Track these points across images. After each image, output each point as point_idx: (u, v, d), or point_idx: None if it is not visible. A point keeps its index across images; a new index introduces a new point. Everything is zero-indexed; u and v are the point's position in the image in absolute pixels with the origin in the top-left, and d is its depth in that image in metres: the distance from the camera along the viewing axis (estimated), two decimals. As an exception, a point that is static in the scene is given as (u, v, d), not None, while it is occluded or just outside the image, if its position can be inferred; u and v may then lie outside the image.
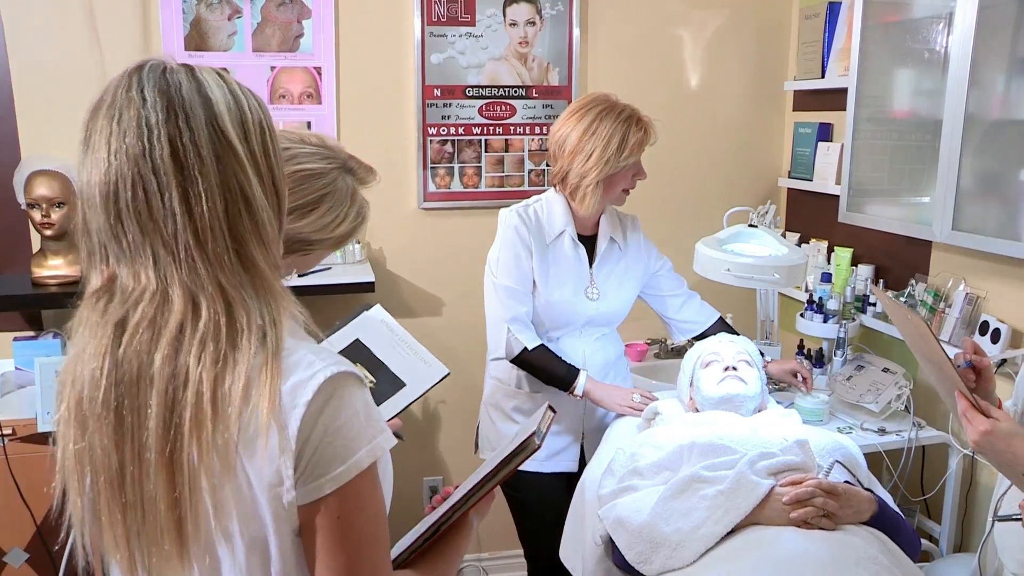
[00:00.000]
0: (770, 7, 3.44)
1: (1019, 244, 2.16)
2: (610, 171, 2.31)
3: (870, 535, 1.83)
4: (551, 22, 3.21)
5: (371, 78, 3.12)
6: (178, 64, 1.02)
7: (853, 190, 2.82)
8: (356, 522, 1.00)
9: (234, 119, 1.00)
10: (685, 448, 2.01)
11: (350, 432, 0.99)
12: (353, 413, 1.00)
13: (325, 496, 0.98)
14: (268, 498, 0.98)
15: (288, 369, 0.98)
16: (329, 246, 1.58)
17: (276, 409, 0.95)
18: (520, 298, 2.38)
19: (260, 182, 1.01)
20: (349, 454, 0.98)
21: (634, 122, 2.31)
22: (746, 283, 2.28)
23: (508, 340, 2.37)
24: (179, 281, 0.97)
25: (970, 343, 1.78)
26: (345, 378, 1.00)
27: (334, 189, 1.53)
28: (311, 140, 1.57)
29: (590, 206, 2.36)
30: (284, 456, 0.96)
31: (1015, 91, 2.22)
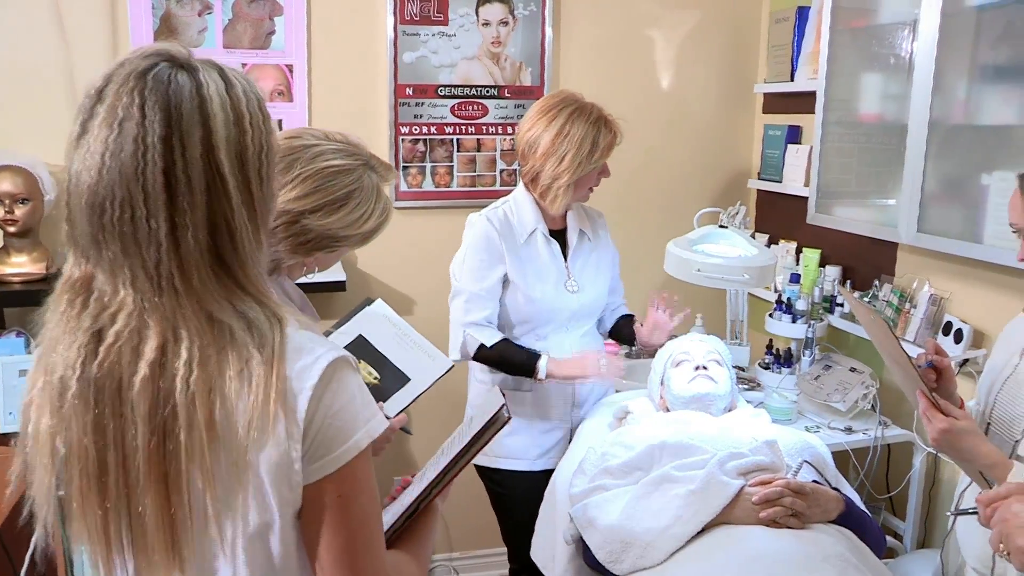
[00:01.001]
0: (741, 10, 3.47)
1: (981, 247, 2.20)
2: (582, 173, 2.33)
3: (838, 533, 1.86)
4: (524, 22, 3.22)
5: (343, 76, 3.11)
6: (192, 61, 1.01)
7: (821, 192, 2.86)
8: (355, 502, 1.03)
9: (231, 145, 1.00)
10: (656, 448, 2.03)
11: (349, 414, 1.02)
12: (351, 396, 1.03)
13: (328, 475, 1.01)
14: (276, 484, 1.00)
15: (292, 354, 1.01)
16: (355, 243, 1.59)
17: (282, 396, 0.98)
18: (482, 304, 2.39)
19: (246, 210, 1.01)
20: (348, 435, 1.02)
21: (603, 124, 2.33)
22: (716, 283, 2.31)
23: (464, 341, 2.39)
24: (159, 310, 0.98)
25: (932, 344, 1.82)
26: (343, 362, 1.03)
27: (361, 185, 1.54)
28: (336, 137, 1.58)
29: (560, 206, 2.38)
30: (291, 440, 0.99)
31: (976, 97, 2.26)
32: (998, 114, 2.19)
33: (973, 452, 1.67)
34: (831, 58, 2.77)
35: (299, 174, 1.51)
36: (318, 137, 1.56)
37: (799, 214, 3.00)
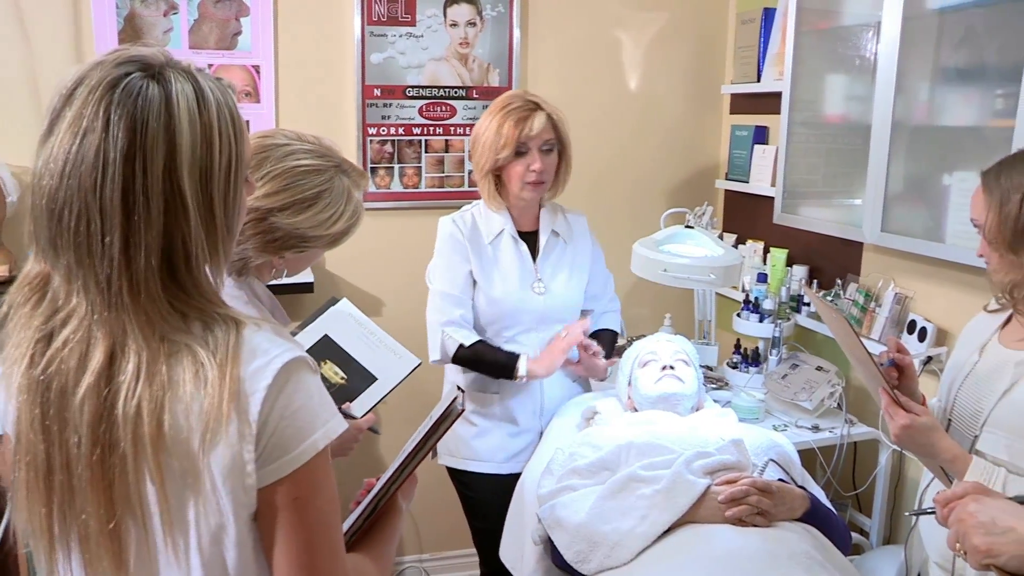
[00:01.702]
0: (708, 11, 3.49)
1: (943, 246, 2.23)
2: (493, 164, 2.34)
3: (803, 531, 1.88)
4: (492, 23, 3.22)
5: (311, 77, 3.09)
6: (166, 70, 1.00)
7: (788, 192, 2.88)
8: (313, 503, 1.02)
9: (196, 164, 0.99)
10: (623, 448, 2.04)
11: (306, 415, 1.01)
12: (308, 396, 1.02)
13: (283, 477, 1.00)
14: (229, 486, 0.99)
15: (247, 356, 1.00)
16: (324, 244, 1.59)
17: (235, 397, 0.97)
18: (455, 302, 2.40)
19: (205, 229, 1.01)
20: (305, 436, 1.01)
21: (509, 113, 2.31)
22: (682, 283, 2.32)
23: (443, 342, 2.39)
24: (108, 323, 0.98)
25: (893, 342, 1.84)
26: (300, 363, 1.03)
27: (331, 187, 1.54)
28: (308, 139, 1.59)
29: (492, 199, 2.41)
30: (244, 442, 0.98)
31: (938, 98, 2.29)
32: (959, 115, 2.22)
33: (934, 448, 1.70)
34: (796, 59, 2.80)
35: (268, 172, 1.51)
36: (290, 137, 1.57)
37: (766, 214, 3.02)
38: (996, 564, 1.17)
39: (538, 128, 2.31)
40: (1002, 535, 1.18)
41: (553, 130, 2.37)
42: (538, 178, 2.35)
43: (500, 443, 2.48)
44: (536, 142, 2.33)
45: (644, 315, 3.44)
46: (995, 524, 1.19)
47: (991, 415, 1.72)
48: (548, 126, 2.34)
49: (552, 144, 2.37)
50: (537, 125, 2.31)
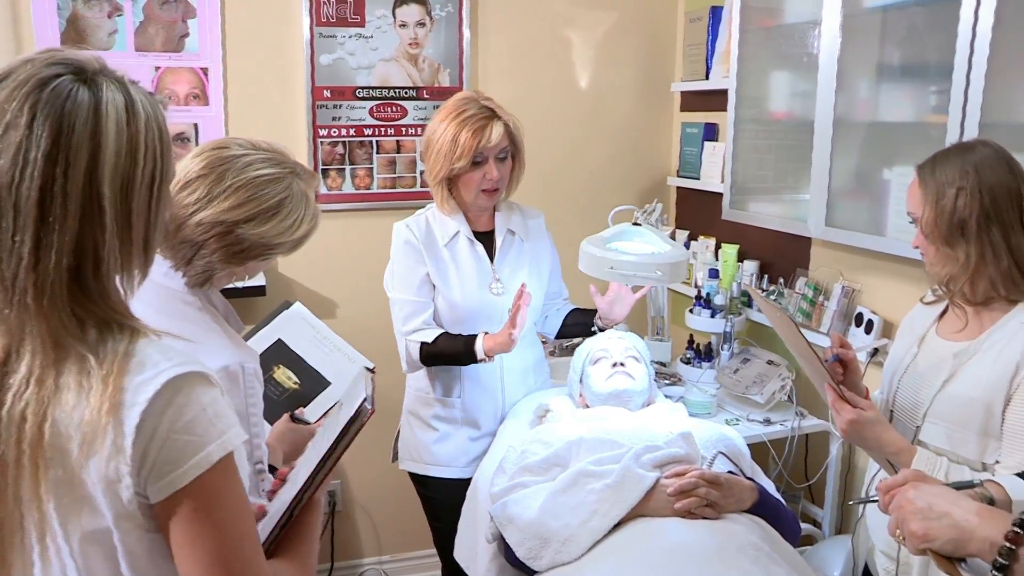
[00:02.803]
0: (656, 10, 3.52)
1: (885, 239, 2.27)
2: (448, 172, 2.32)
3: (752, 522, 1.90)
4: (441, 23, 3.22)
5: (260, 79, 3.07)
6: (99, 78, 0.99)
7: (736, 188, 2.91)
8: (214, 515, 1.02)
9: (118, 173, 0.98)
10: (574, 444, 2.05)
11: (197, 428, 1.00)
12: (199, 410, 1.01)
13: (178, 491, 0.99)
14: (108, 497, 0.99)
15: (134, 368, 0.99)
16: (287, 249, 1.58)
17: (114, 409, 0.96)
18: (416, 308, 2.38)
19: (120, 239, 1.00)
20: (197, 449, 1.00)
21: (465, 122, 2.27)
22: (629, 280, 2.33)
23: (407, 350, 2.38)
24: (7, 322, 0.97)
25: (836, 337, 1.87)
26: (191, 378, 1.01)
27: (291, 193, 1.54)
28: (262, 146, 1.59)
29: (445, 204, 2.39)
30: (120, 454, 0.97)
31: (878, 95, 2.33)
32: (897, 111, 2.26)
33: (879, 440, 1.73)
34: (741, 57, 2.83)
35: (232, 184, 1.51)
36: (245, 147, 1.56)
37: (717, 210, 3.05)
38: (932, 548, 1.20)
39: (496, 139, 2.28)
40: (938, 520, 1.20)
41: (509, 138, 2.34)
42: (494, 186, 2.34)
43: (462, 447, 2.48)
44: (493, 152, 2.30)
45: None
46: (932, 509, 1.21)
47: (931, 406, 1.75)
48: (505, 135, 2.32)
49: (508, 151, 2.35)
50: (495, 136, 2.28)
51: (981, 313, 1.74)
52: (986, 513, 1.18)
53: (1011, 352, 1.63)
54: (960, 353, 1.73)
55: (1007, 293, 1.69)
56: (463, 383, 2.44)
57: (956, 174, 1.68)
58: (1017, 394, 1.61)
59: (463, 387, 2.45)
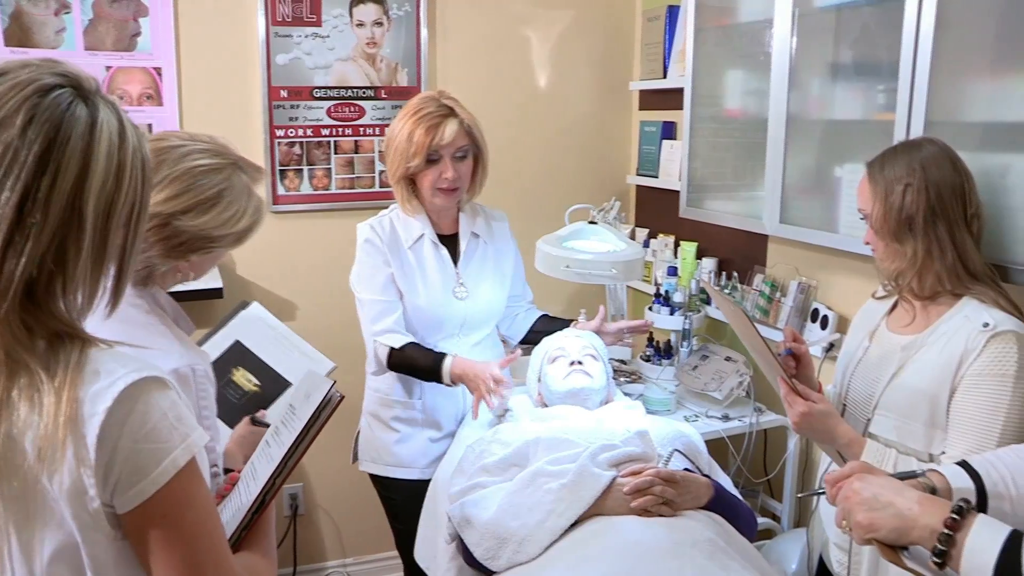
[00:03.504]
0: (614, 9, 3.53)
1: (837, 236, 2.29)
2: (405, 171, 2.32)
3: (708, 519, 1.91)
4: (399, 23, 3.21)
5: (215, 79, 3.04)
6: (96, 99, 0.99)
7: (692, 186, 2.93)
8: (184, 520, 1.02)
9: (104, 193, 0.98)
10: (531, 443, 2.05)
11: (160, 434, 1.00)
12: (160, 416, 1.00)
13: (147, 500, 0.99)
14: (72, 510, 0.98)
15: (89, 377, 0.98)
16: (230, 243, 1.56)
17: (72, 421, 0.95)
18: (384, 309, 2.37)
19: (93, 261, 1.00)
20: (164, 455, 1.00)
21: (421, 120, 2.28)
22: (584, 279, 2.34)
23: (376, 351, 2.37)
24: None
25: (789, 331, 1.89)
26: (148, 383, 1.01)
27: (231, 184, 1.52)
28: (202, 138, 1.57)
29: (407, 204, 2.38)
30: (83, 466, 0.96)
31: (830, 93, 2.35)
32: (847, 109, 2.29)
33: (831, 433, 1.76)
34: (697, 56, 2.85)
35: (167, 175, 1.49)
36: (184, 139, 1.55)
37: (675, 208, 3.06)
38: (876, 538, 1.22)
39: (450, 136, 2.27)
40: (882, 510, 1.22)
41: (467, 136, 2.33)
42: (450, 185, 2.32)
43: (423, 448, 2.47)
44: (448, 150, 2.29)
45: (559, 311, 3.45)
46: (876, 500, 1.24)
47: (881, 399, 1.78)
48: (461, 133, 2.30)
49: (466, 150, 2.34)
50: (448, 133, 2.27)
51: (928, 307, 1.77)
52: (927, 502, 1.21)
53: (955, 345, 1.66)
54: (908, 346, 1.76)
55: (952, 287, 1.72)
56: (423, 385, 2.44)
57: (904, 171, 1.72)
58: (961, 386, 1.65)
59: (423, 388, 2.45)
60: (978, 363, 1.63)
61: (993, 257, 1.81)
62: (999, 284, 1.74)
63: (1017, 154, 1.83)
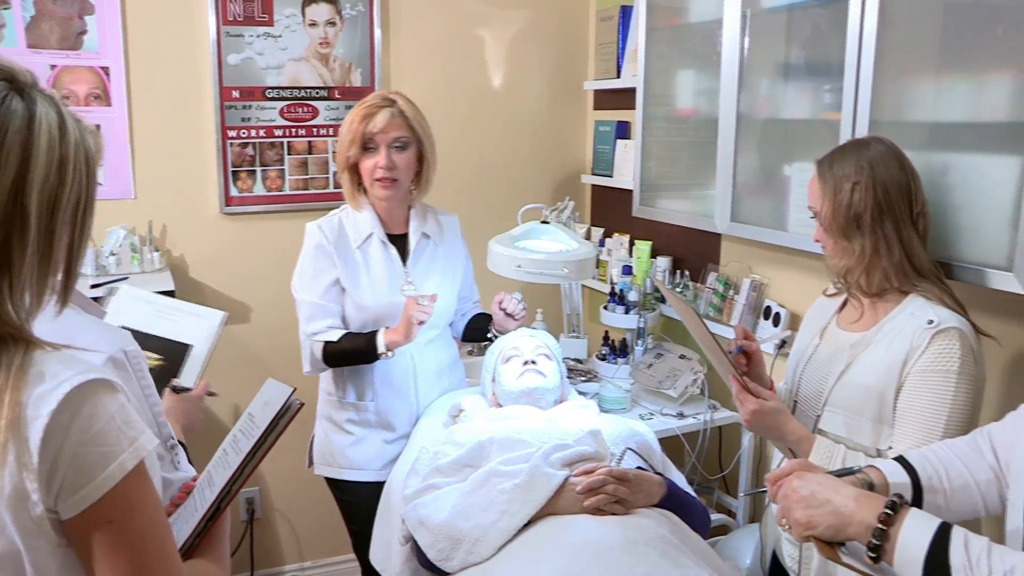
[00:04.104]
0: (569, 9, 3.54)
1: (787, 234, 2.31)
2: (345, 160, 2.35)
3: (660, 516, 1.92)
4: (352, 22, 3.19)
5: (165, 79, 3.00)
6: (33, 92, 0.96)
7: (645, 185, 2.94)
8: (131, 524, 0.99)
9: (47, 188, 0.95)
10: (484, 444, 2.05)
11: (107, 438, 0.97)
12: (108, 418, 0.98)
13: (94, 504, 0.96)
14: (12, 514, 0.95)
15: (33, 380, 0.95)
16: None
17: (14, 424, 0.93)
18: (322, 311, 2.37)
19: (39, 258, 0.97)
20: (109, 460, 0.97)
21: (360, 110, 2.32)
22: (536, 278, 2.34)
23: (311, 350, 2.36)
24: None
25: (740, 329, 1.91)
26: (95, 386, 0.98)
27: None
28: None
29: (352, 199, 2.40)
30: (25, 470, 0.94)
31: (780, 92, 2.38)
32: (796, 108, 2.31)
33: (781, 430, 1.77)
34: (649, 55, 2.86)
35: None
36: None
37: (630, 208, 3.07)
38: (814, 535, 1.23)
39: (381, 124, 2.29)
40: (819, 507, 1.24)
41: (406, 128, 2.34)
42: (386, 175, 2.32)
43: (377, 450, 2.46)
44: (384, 139, 2.31)
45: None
46: (814, 497, 1.25)
47: (830, 395, 1.80)
48: (398, 123, 2.32)
49: (405, 142, 2.34)
50: (380, 121, 2.29)
51: (876, 304, 1.79)
52: (863, 498, 1.22)
53: (901, 342, 1.68)
54: (856, 343, 1.78)
55: (899, 284, 1.75)
56: (375, 386, 2.43)
57: (853, 169, 1.74)
58: (907, 382, 1.67)
59: (376, 390, 2.43)
60: (923, 360, 1.65)
61: (938, 254, 1.84)
62: (944, 281, 1.77)
63: (958, 153, 1.86)
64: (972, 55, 1.84)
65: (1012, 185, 1.72)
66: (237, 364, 3.07)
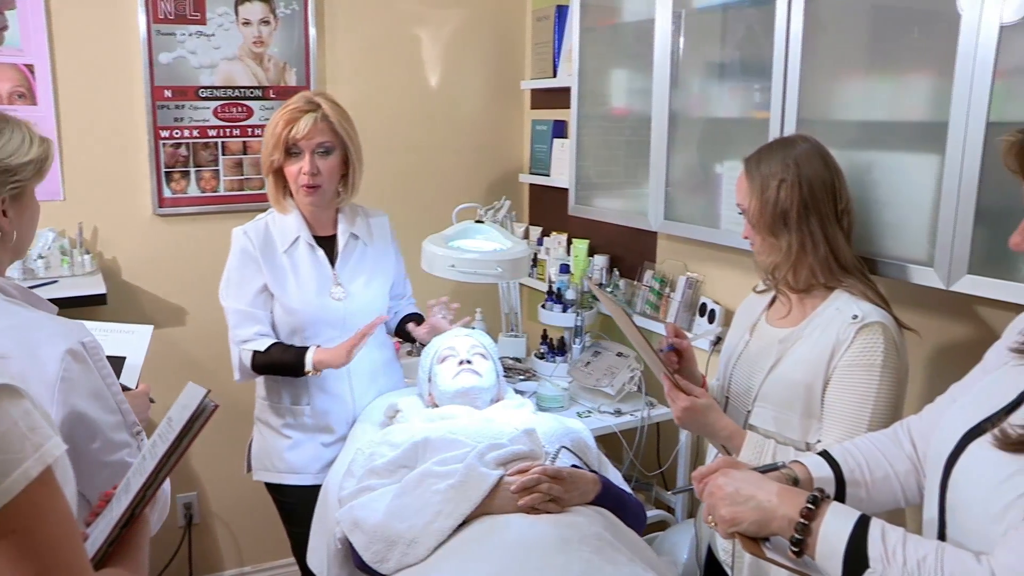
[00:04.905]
0: (505, 8, 3.54)
1: (719, 231, 2.34)
2: (269, 164, 2.33)
3: (595, 514, 1.93)
4: (286, 21, 3.15)
5: (94, 78, 2.94)
6: None
7: (581, 184, 2.96)
8: (37, 533, 0.96)
9: None
10: (419, 444, 2.04)
11: (11, 444, 0.95)
12: (11, 424, 0.95)
13: None
14: None
15: None
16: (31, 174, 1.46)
17: None
18: (250, 317, 2.35)
19: None
20: (14, 466, 0.94)
21: (285, 114, 2.29)
22: (469, 278, 2.34)
23: (240, 358, 2.34)
24: None
25: (672, 328, 1.92)
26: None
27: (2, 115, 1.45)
28: None
29: (276, 202, 2.38)
30: None
31: (712, 91, 2.40)
32: (728, 107, 2.34)
33: (712, 427, 1.79)
34: (583, 55, 2.87)
35: None
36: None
37: (566, 206, 3.09)
38: (739, 531, 1.25)
39: (304, 129, 2.27)
40: (744, 504, 1.25)
41: (330, 132, 2.31)
42: (310, 181, 2.31)
43: (315, 453, 2.44)
44: (308, 144, 2.29)
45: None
46: (738, 494, 1.27)
47: (760, 391, 1.82)
48: (323, 128, 2.29)
49: (329, 147, 2.32)
50: (303, 126, 2.27)
51: (804, 300, 1.82)
52: (786, 493, 1.24)
53: (827, 337, 1.71)
54: (785, 339, 1.81)
55: (825, 280, 1.78)
56: (311, 390, 2.41)
57: (779, 167, 1.76)
58: (834, 376, 1.70)
59: (311, 394, 2.42)
60: (848, 354, 1.68)
61: (862, 250, 1.87)
62: (868, 277, 1.81)
63: (881, 151, 1.90)
64: (893, 57, 1.89)
65: (931, 183, 1.77)
66: (173, 369, 3.02)
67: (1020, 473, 1.07)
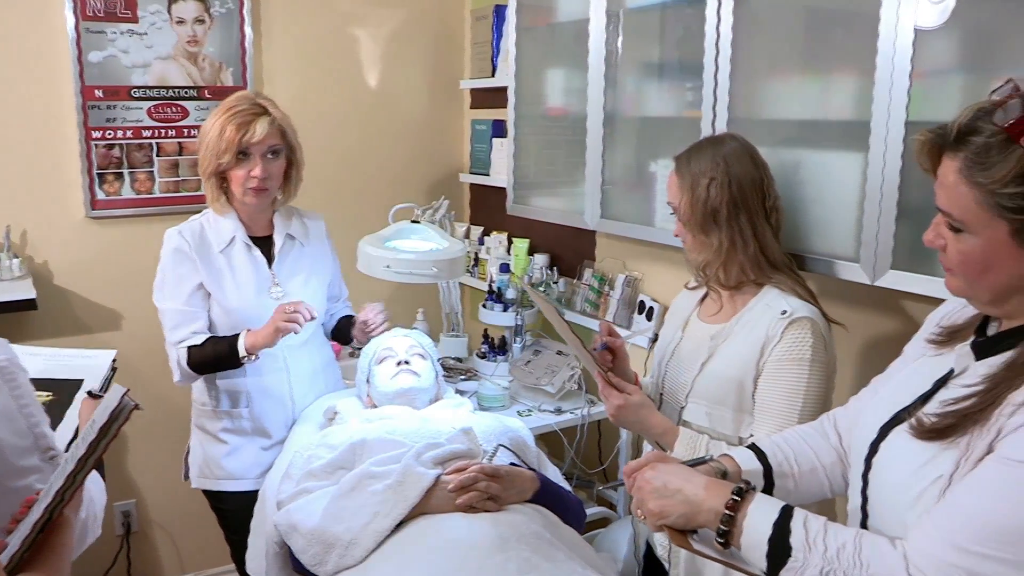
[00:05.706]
0: (444, 8, 3.54)
1: (654, 229, 2.37)
2: (215, 168, 2.29)
3: (534, 512, 1.94)
4: (221, 21, 3.12)
5: (20, 77, 2.87)
6: None
7: (519, 183, 2.97)
8: None
9: None
10: (357, 445, 2.03)
11: None
12: None
13: None
14: None
15: None
16: None
17: None
18: (185, 317, 2.32)
19: None
20: None
21: (233, 117, 2.25)
22: (405, 278, 2.34)
23: (177, 359, 2.31)
24: None
25: (605, 326, 1.94)
26: None
27: None
28: None
29: (216, 203, 2.35)
30: None
31: (645, 91, 2.43)
32: (661, 106, 2.37)
33: (646, 423, 1.81)
34: (519, 55, 2.88)
35: None
36: None
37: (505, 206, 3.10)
38: (667, 524, 1.26)
39: (260, 134, 2.25)
40: (671, 497, 1.27)
41: (280, 136, 2.31)
42: (260, 184, 2.29)
43: (254, 458, 2.42)
44: (259, 148, 2.27)
45: (398, 312, 3.44)
46: (666, 487, 1.28)
47: (693, 387, 1.85)
48: (273, 131, 2.28)
49: (278, 149, 2.31)
50: (259, 131, 2.25)
51: (735, 296, 1.85)
52: (713, 486, 1.26)
53: (758, 333, 1.74)
54: (716, 335, 1.83)
55: (755, 277, 1.81)
56: (249, 393, 2.39)
57: (709, 165, 1.79)
58: (764, 371, 1.73)
59: (250, 397, 2.39)
60: (778, 349, 1.71)
61: (791, 247, 1.91)
62: (797, 273, 1.84)
63: (808, 150, 1.94)
64: (820, 57, 1.93)
65: (856, 181, 1.81)
66: (107, 373, 2.96)
67: (933, 460, 1.11)
